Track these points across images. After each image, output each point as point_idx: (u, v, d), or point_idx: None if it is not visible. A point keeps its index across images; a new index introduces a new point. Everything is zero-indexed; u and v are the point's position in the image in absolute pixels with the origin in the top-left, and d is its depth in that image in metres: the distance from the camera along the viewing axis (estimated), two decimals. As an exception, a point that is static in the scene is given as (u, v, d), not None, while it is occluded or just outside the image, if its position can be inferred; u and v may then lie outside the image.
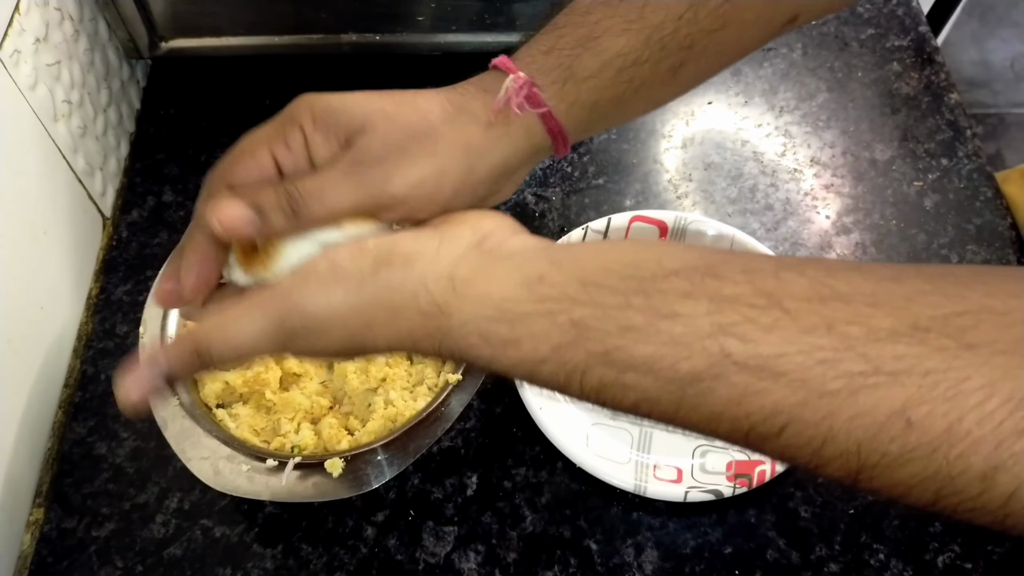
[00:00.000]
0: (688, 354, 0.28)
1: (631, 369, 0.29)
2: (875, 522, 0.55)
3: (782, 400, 0.26)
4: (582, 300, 0.30)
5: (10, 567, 0.56)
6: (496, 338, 0.31)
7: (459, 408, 0.52)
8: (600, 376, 0.29)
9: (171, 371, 0.34)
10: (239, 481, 0.49)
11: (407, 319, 0.32)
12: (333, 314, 0.32)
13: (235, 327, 0.33)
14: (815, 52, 0.80)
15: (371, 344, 0.33)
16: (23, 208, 0.59)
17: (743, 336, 0.27)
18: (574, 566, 0.54)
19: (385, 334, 0.33)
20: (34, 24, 0.61)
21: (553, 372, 0.30)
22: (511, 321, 0.31)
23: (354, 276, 0.33)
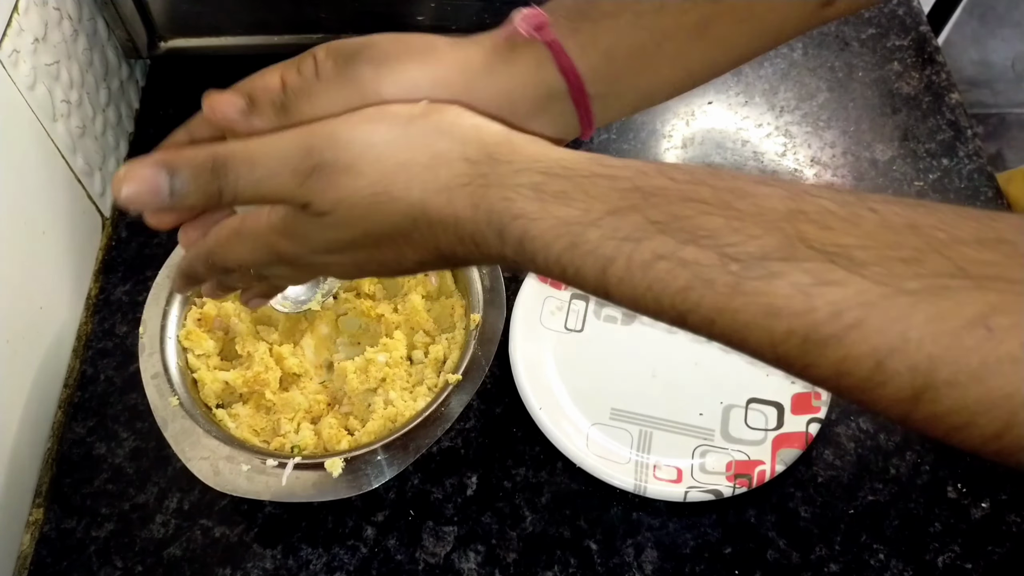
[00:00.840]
0: (759, 232, 0.25)
1: (693, 241, 0.26)
2: (875, 522, 0.55)
3: (854, 295, 0.24)
4: (649, 172, 0.28)
5: (10, 567, 0.56)
6: (547, 191, 0.28)
7: (459, 408, 0.52)
8: (655, 248, 0.26)
9: (178, 174, 0.31)
10: (239, 481, 0.49)
11: (449, 164, 0.29)
12: (369, 148, 0.29)
13: (260, 146, 0.30)
14: (815, 52, 0.80)
15: (402, 194, 0.29)
16: (22, 208, 0.59)
17: (821, 223, 0.25)
18: (574, 566, 0.54)
19: (421, 181, 0.29)
20: (33, 24, 0.61)
21: (601, 239, 0.27)
22: (568, 178, 0.28)
23: (402, 115, 0.30)
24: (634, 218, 0.27)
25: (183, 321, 0.57)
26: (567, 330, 0.62)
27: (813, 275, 0.24)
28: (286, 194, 0.30)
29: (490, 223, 0.29)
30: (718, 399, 0.59)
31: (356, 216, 0.30)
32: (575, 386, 0.60)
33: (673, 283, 0.26)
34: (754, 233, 0.25)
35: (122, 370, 0.63)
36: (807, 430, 0.56)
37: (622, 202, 0.27)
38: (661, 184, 0.27)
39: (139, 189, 0.30)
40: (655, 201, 0.27)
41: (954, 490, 0.56)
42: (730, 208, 0.26)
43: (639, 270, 0.26)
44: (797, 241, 0.25)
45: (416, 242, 0.31)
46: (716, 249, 0.25)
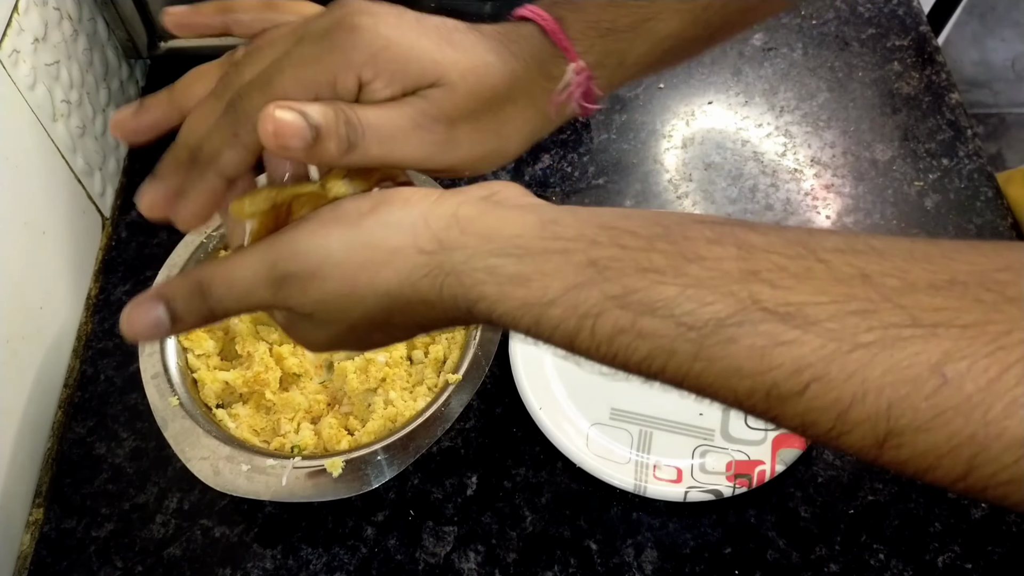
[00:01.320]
0: (713, 299, 0.26)
1: (649, 313, 0.26)
2: (875, 522, 0.55)
3: (811, 353, 0.24)
4: (601, 241, 0.28)
5: (10, 567, 0.56)
6: (503, 274, 0.29)
7: (459, 408, 0.52)
8: (615, 321, 0.27)
9: (172, 303, 0.32)
10: (239, 481, 0.49)
11: (405, 258, 0.30)
12: (328, 255, 0.30)
13: (233, 267, 0.32)
14: (815, 52, 0.80)
15: (369, 291, 0.30)
16: (22, 208, 0.59)
17: (773, 282, 0.25)
18: (574, 566, 0.54)
19: (384, 277, 0.30)
20: (33, 24, 0.61)
21: (563, 316, 0.28)
22: (520, 256, 0.29)
23: (352, 215, 0.31)
24: (591, 293, 0.27)
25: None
26: (567, 330, 0.62)
27: (768, 337, 0.25)
28: (268, 304, 0.32)
29: (456, 305, 0.30)
30: (718, 399, 0.59)
31: (335, 313, 0.31)
32: (575, 386, 0.60)
33: (636, 352, 0.27)
34: (708, 300, 0.26)
35: (122, 370, 0.63)
36: (807, 430, 0.56)
37: (578, 278, 0.27)
38: (614, 255, 0.27)
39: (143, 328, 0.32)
40: (609, 275, 0.27)
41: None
42: (683, 275, 0.26)
43: (603, 341, 0.27)
44: (750, 304, 0.25)
45: (399, 324, 0.32)
46: (672, 319, 0.26)
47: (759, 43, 0.81)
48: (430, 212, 0.30)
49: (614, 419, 0.59)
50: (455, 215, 0.30)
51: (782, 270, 0.25)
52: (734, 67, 0.79)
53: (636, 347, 0.27)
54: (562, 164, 0.73)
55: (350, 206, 0.31)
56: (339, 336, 0.32)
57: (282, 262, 0.31)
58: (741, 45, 0.81)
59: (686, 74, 0.79)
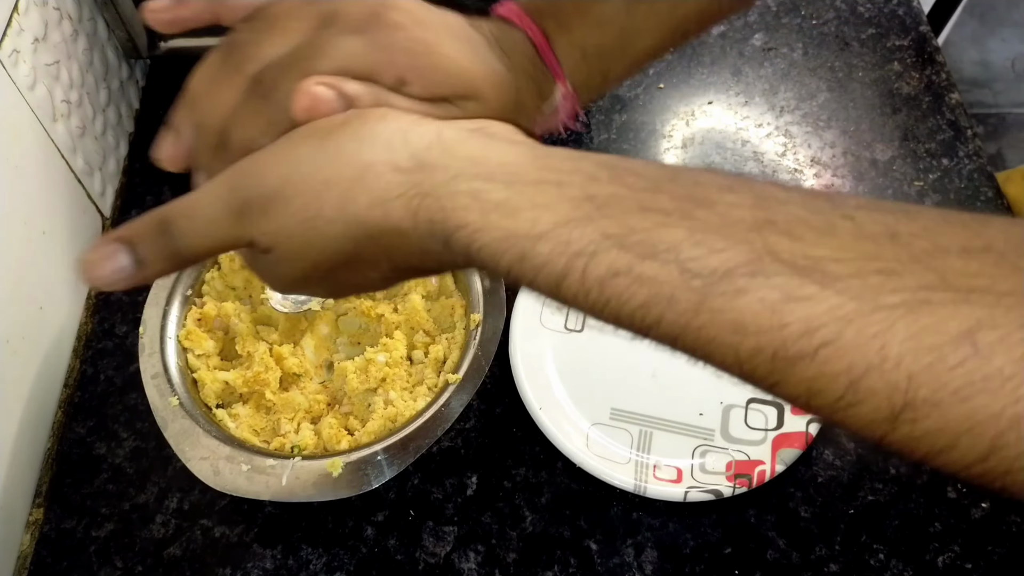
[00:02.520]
0: (723, 246, 0.23)
1: (652, 256, 0.24)
2: (875, 522, 0.55)
3: (827, 312, 0.22)
4: (600, 177, 0.26)
5: (10, 567, 0.56)
6: (489, 200, 0.26)
7: (459, 408, 0.52)
8: (611, 262, 0.24)
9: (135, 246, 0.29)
10: (239, 481, 0.49)
11: (377, 176, 0.27)
12: (292, 169, 0.27)
13: (195, 197, 0.29)
14: (815, 52, 0.80)
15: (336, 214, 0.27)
16: (22, 208, 0.59)
17: (792, 234, 0.23)
18: (574, 566, 0.54)
19: (351, 197, 0.27)
20: (33, 24, 0.61)
21: (551, 253, 0.25)
22: (510, 184, 0.26)
23: (321, 130, 0.28)
24: (586, 231, 0.25)
25: (183, 321, 0.57)
26: (567, 330, 0.62)
27: (782, 291, 0.22)
28: (229, 238, 0.29)
29: (433, 234, 0.27)
30: (718, 399, 0.59)
31: (297, 247, 0.28)
32: (575, 386, 0.60)
33: (631, 300, 0.24)
34: (718, 246, 0.23)
35: (122, 370, 0.63)
36: (807, 430, 0.56)
37: (573, 212, 0.25)
38: (615, 192, 0.25)
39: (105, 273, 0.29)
40: (609, 212, 0.25)
41: (954, 490, 0.56)
42: (691, 218, 0.24)
43: (595, 285, 0.25)
44: (765, 254, 0.23)
45: (369, 261, 0.29)
46: (677, 264, 0.23)
47: (759, 43, 0.81)
48: (410, 129, 0.28)
49: (614, 419, 0.59)
50: (439, 134, 0.28)
51: (802, 222, 0.23)
52: (734, 67, 0.79)
53: (632, 293, 0.24)
54: (562, 164, 0.73)
55: (322, 121, 0.28)
56: (301, 274, 0.30)
57: (243, 182, 0.28)
58: (741, 45, 0.81)
59: (686, 74, 0.79)
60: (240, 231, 0.28)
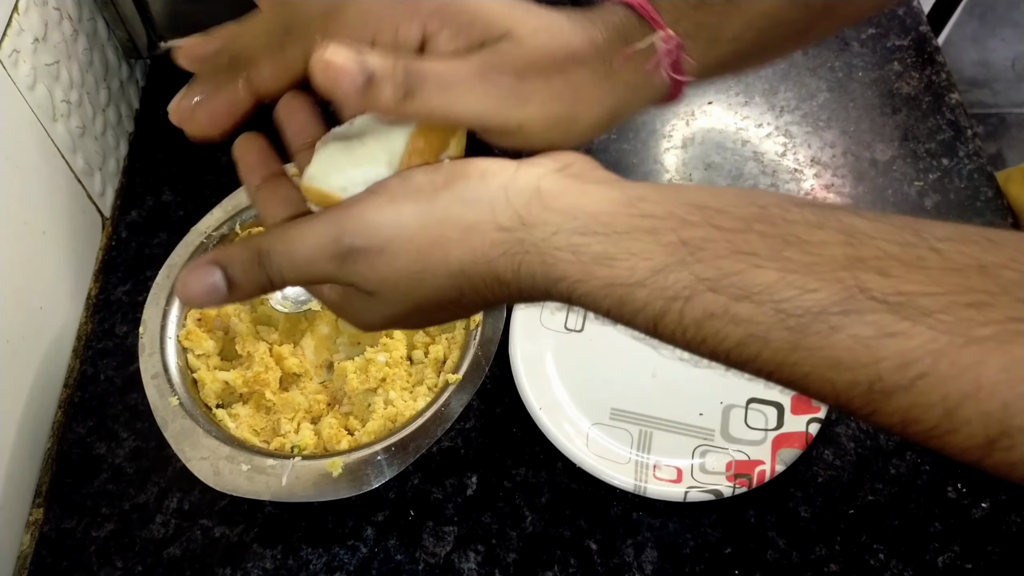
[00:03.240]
0: (816, 286, 0.24)
1: (746, 298, 0.25)
2: (875, 522, 0.55)
3: (921, 346, 0.23)
4: (693, 221, 0.26)
5: (10, 567, 0.56)
6: (587, 253, 0.27)
7: (459, 408, 0.52)
8: (706, 305, 0.25)
9: (230, 270, 0.31)
10: (239, 481, 0.49)
11: (482, 235, 0.28)
12: (400, 230, 0.29)
13: (296, 235, 0.30)
14: (815, 52, 0.80)
15: (442, 269, 0.29)
16: (22, 208, 0.59)
17: (882, 270, 0.24)
18: (574, 566, 0.54)
19: (457, 256, 0.28)
20: (33, 24, 0.61)
21: (649, 299, 0.26)
22: (607, 235, 0.27)
23: (426, 190, 0.29)
24: (681, 275, 0.26)
25: (183, 321, 0.57)
26: (567, 330, 0.62)
27: (876, 327, 0.23)
28: (329, 277, 0.30)
29: (535, 286, 0.28)
30: (718, 399, 0.59)
31: (402, 293, 0.30)
32: (575, 386, 0.60)
33: (727, 339, 0.26)
34: (811, 287, 0.24)
35: (122, 370, 0.63)
36: (807, 430, 0.56)
37: (668, 259, 0.26)
38: (707, 236, 0.26)
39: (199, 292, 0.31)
40: (702, 256, 0.26)
41: (954, 490, 0.56)
42: (783, 259, 0.25)
43: (691, 325, 0.26)
44: (857, 292, 0.24)
45: (467, 304, 0.31)
46: (771, 305, 0.24)
47: (759, 43, 0.81)
48: (510, 186, 0.29)
49: (614, 419, 0.59)
50: (537, 189, 0.29)
51: (892, 258, 0.24)
52: (734, 67, 0.79)
53: (728, 333, 0.25)
54: (562, 164, 0.73)
55: (423, 179, 0.30)
56: (401, 315, 0.31)
57: (349, 235, 0.29)
58: (741, 45, 0.81)
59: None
60: (343, 275, 0.30)
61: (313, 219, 0.30)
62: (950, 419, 0.23)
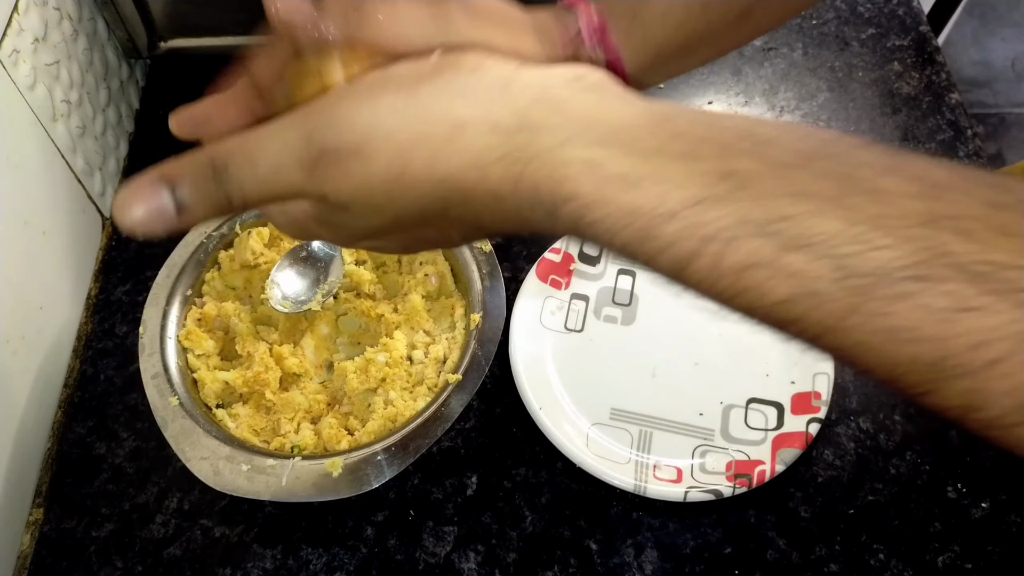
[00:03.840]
0: (887, 242, 0.21)
1: (802, 248, 0.21)
2: (875, 522, 0.55)
3: (1002, 326, 0.20)
4: (740, 148, 0.22)
5: (10, 567, 0.56)
6: (608, 170, 0.23)
7: (459, 408, 0.52)
8: (752, 251, 0.21)
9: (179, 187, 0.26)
10: (239, 481, 0.49)
11: (475, 135, 0.24)
12: (376, 124, 0.25)
13: (258, 141, 0.26)
14: (815, 52, 0.80)
15: (424, 174, 0.24)
16: (22, 208, 0.59)
17: (967, 232, 0.20)
18: (574, 566, 0.54)
19: (443, 158, 0.24)
20: (33, 24, 0.61)
21: (679, 236, 0.22)
22: (632, 153, 0.23)
23: (408, 80, 0.25)
24: (723, 212, 0.22)
25: (183, 321, 0.57)
26: (567, 330, 0.62)
27: (953, 298, 0.20)
28: (297, 189, 0.26)
29: (538, 202, 0.24)
30: (718, 399, 0.59)
31: (378, 204, 0.26)
32: (575, 386, 0.60)
33: (770, 293, 0.22)
34: (880, 243, 0.21)
35: (122, 370, 0.63)
36: (807, 430, 0.56)
37: (707, 190, 0.22)
38: (756, 168, 0.22)
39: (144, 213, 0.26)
40: (750, 193, 0.22)
41: (954, 490, 0.56)
42: (848, 207, 0.21)
43: (729, 274, 0.22)
44: (936, 256, 0.20)
45: (454, 220, 0.26)
46: (831, 260, 0.21)
47: (759, 43, 0.81)
48: (511, 80, 0.25)
49: (614, 419, 0.59)
50: (544, 88, 0.24)
51: (977, 219, 0.20)
52: (734, 67, 0.79)
53: (773, 287, 0.22)
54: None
55: (405, 68, 0.26)
56: (381, 229, 0.27)
57: (319, 133, 0.25)
58: (741, 45, 0.81)
59: (686, 74, 0.79)
60: (310, 184, 0.26)
61: (278, 121, 0.26)
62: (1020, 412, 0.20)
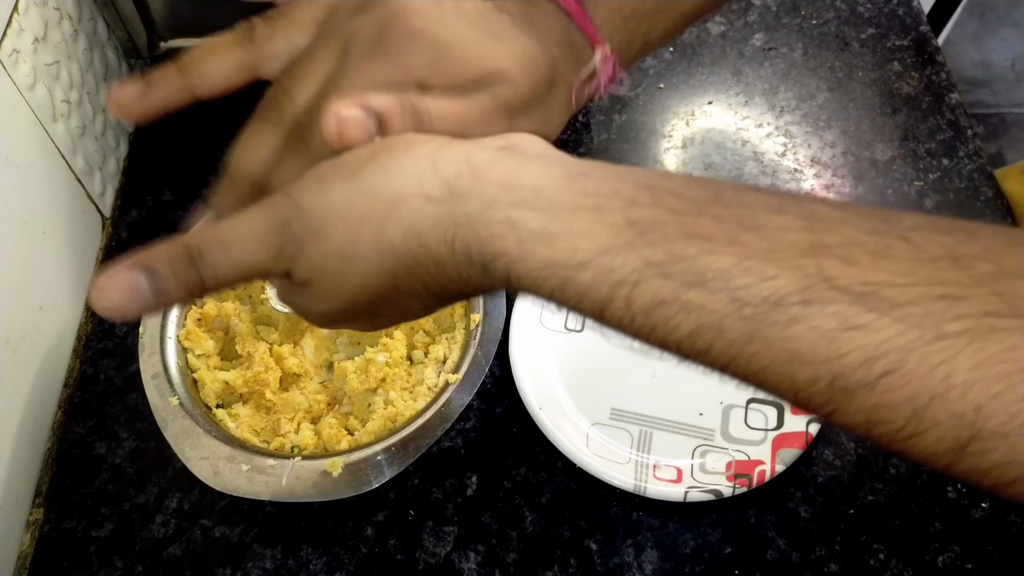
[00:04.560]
0: (774, 272, 0.22)
1: (699, 285, 0.23)
2: (875, 522, 0.55)
3: (887, 340, 0.21)
4: (641, 201, 0.24)
5: (10, 567, 0.56)
6: (525, 228, 0.25)
7: (459, 408, 0.52)
8: (655, 291, 0.24)
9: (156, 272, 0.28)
10: (239, 481, 0.49)
11: (410, 208, 0.26)
12: (329, 209, 0.27)
13: (231, 228, 0.29)
14: (815, 52, 0.80)
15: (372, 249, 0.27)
16: (22, 208, 0.59)
17: (847, 258, 0.22)
18: (574, 566, 0.54)
19: (386, 232, 0.27)
20: (33, 24, 0.61)
21: (593, 282, 0.24)
22: (546, 211, 0.25)
23: (351, 166, 0.28)
24: (628, 258, 0.24)
25: (183, 321, 0.57)
26: (567, 330, 0.62)
27: (839, 319, 0.22)
28: (266, 270, 0.29)
29: (471, 262, 0.26)
30: (718, 399, 0.59)
31: (333, 284, 0.28)
32: (575, 386, 0.60)
33: (678, 328, 0.24)
34: (768, 273, 0.23)
35: (122, 370, 0.63)
36: (807, 430, 0.56)
37: (614, 240, 0.24)
38: (656, 216, 0.24)
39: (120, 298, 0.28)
40: (651, 239, 0.24)
41: (954, 490, 0.56)
42: (739, 244, 0.23)
43: (640, 313, 0.24)
44: (819, 281, 0.22)
45: (406, 293, 0.28)
46: (726, 293, 0.23)
47: (759, 43, 0.81)
48: (438, 156, 0.27)
49: (614, 419, 0.59)
50: (468, 160, 0.27)
51: (857, 246, 0.22)
52: (734, 67, 0.79)
53: (679, 322, 0.24)
54: (562, 164, 0.73)
55: (349, 156, 0.28)
56: (339, 311, 0.30)
57: (286, 222, 0.28)
58: (741, 45, 0.81)
59: (686, 74, 0.79)
60: (276, 266, 0.28)
61: (247, 211, 0.29)
62: (918, 421, 0.21)
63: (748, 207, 0.24)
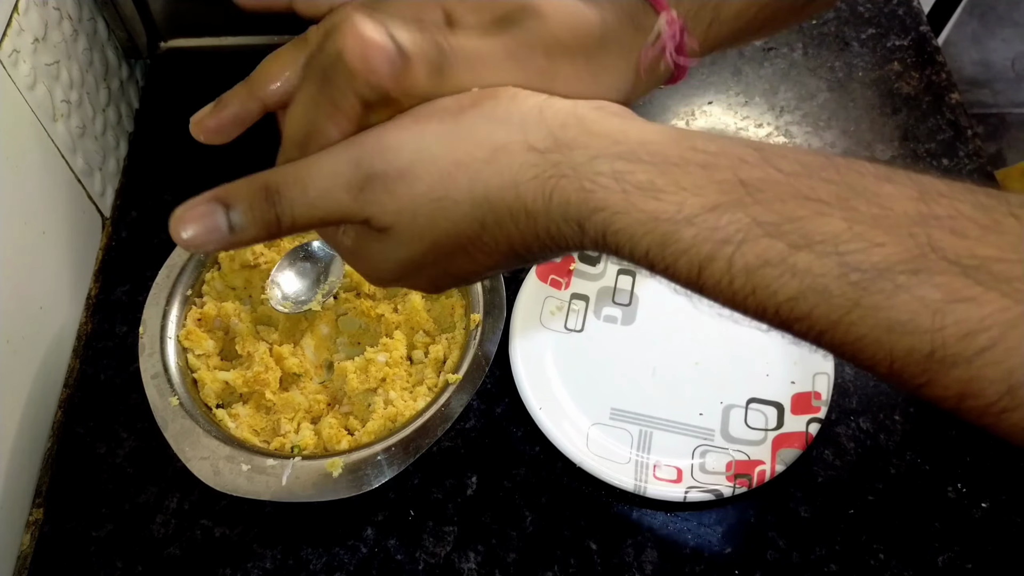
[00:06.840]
0: (885, 240, 0.22)
1: (807, 247, 0.23)
2: (875, 522, 0.55)
3: (991, 315, 0.21)
4: (751, 161, 0.24)
5: (10, 567, 0.56)
6: (632, 181, 0.25)
7: (459, 408, 0.52)
8: (762, 251, 0.23)
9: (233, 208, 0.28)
10: (239, 481, 0.49)
11: (512, 156, 0.26)
12: (422, 150, 0.27)
13: (309, 166, 0.28)
14: (815, 52, 0.80)
15: (465, 195, 0.26)
16: (22, 208, 0.59)
17: (958, 230, 0.22)
18: (574, 566, 0.54)
19: (483, 179, 0.26)
20: (33, 24, 0.61)
21: (696, 240, 0.24)
22: (654, 164, 0.25)
23: (451, 109, 0.27)
24: (736, 216, 0.24)
25: (183, 321, 0.57)
26: (567, 330, 0.62)
27: (946, 290, 0.22)
28: (344, 212, 0.28)
29: (567, 217, 0.26)
30: (718, 399, 0.59)
31: (420, 227, 0.28)
32: (575, 386, 0.60)
33: (781, 291, 0.24)
34: (879, 240, 0.22)
35: (122, 370, 0.63)
36: (807, 430, 0.56)
37: (722, 197, 0.24)
38: (767, 176, 0.24)
39: (199, 230, 0.28)
40: (762, 197, 0.24)
41: (954, 490, 0.56)
42: (850, 209, 0.23)
43: (741, 274, 0.24)
44: (928, 251, 0.22)
45: (488, 245, 0.28)
46: (835, 257, 0.23)
47: (759, 43, 0.81)
48: (545, 106, 0.27)
49: (614, 419, 0.59)
50: (574, 112, 0.27)
51: (967, 219, 0.22)
52: (734, 67, 0.79)
53: (782, 284, 0.23)
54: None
55: (449, 100, 0.28)
56: (415, 260, 0.29)
57: (368, 159, 0.27)
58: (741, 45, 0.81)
59: (686, 74, 0.79)
60: (358, 207, 0.28)
61: (328, 150, 0.28)
62: (1012, 396, 0.21)
63: (858, 173, 0.24)
